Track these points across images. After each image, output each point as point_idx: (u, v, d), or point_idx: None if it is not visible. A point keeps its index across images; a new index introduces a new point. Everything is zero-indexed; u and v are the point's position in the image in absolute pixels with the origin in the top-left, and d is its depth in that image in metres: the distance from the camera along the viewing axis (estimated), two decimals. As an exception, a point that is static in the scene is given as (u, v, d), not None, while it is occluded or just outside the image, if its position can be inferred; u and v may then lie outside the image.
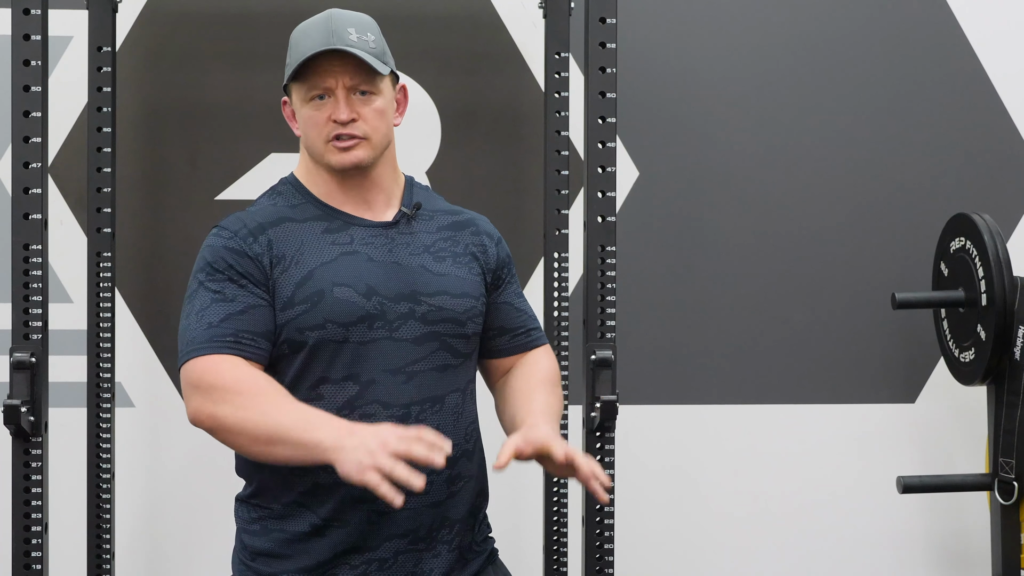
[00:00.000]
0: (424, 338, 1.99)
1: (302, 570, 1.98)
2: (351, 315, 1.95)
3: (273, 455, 1.86)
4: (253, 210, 2.05)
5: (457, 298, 2.03)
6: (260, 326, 1.94)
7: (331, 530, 1.96)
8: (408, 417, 1.96)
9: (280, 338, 1.95)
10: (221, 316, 1.92)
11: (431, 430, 1.79)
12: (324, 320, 1.94)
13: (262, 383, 1.89)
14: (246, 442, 1.87)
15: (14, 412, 2.40)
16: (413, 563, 1.99)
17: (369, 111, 2.00)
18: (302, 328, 1.94)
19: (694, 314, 3.24)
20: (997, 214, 3.15)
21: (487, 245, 2.12)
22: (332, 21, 1.99)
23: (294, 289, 1.95)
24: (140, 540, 3.12)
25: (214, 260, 1.97)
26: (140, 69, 3.10)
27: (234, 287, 1.95)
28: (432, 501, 1.98)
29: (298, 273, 1.96)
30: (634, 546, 3.20)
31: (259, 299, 1.95)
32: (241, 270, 1.95)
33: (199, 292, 1.96)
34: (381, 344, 1.96)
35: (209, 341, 1.91)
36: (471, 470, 2.05)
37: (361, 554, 1.97)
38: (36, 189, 2.46)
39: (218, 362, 1.90)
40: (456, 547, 2.03)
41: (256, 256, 1.96)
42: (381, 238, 2.03)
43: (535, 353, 2.16)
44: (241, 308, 1.94)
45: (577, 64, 3.02)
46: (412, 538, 1.98)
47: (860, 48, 3.27)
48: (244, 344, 1.92)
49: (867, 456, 3.29)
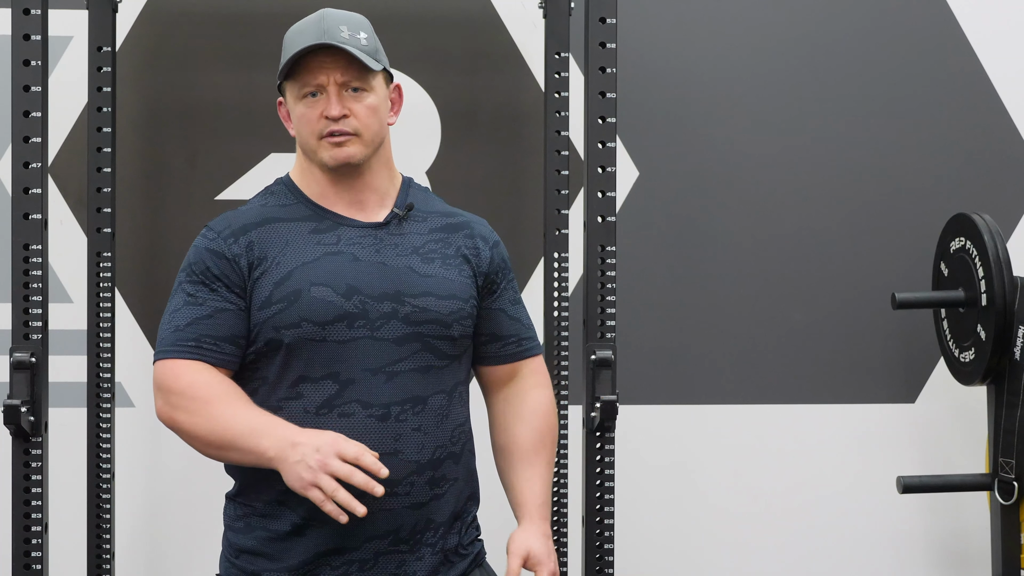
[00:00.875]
0: (406, 338, 2.00)
1: (284, 570, 1.99)
2: (327, 314, 1.96)
3: (228, 459, 1.97)
4: (243, 209, 2.08)
5: (443, 300, 2.03)
6: (224, 331, 1.98)
7: (311, 530, 1.97)
8: (388, 417, 1.97)
9: (259, 337, 1.98)
10: (188, 320, 1.98)
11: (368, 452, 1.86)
12: (300, 319, 1.96)
13: (216, 389, 1.95)
14: (200, 446, 1.98)
15: (14, 412, 2.40)
16: (395, 565, 1.99)
17: (361, 107, 2.01)
18: (278, 327, 1.96)
19: (694, 314, 3.24)
20: (997, 214, 3.15)
21: (480, 248, 2.12)
22: (324, 20, 2.01)
23: (272, 289, 1.98)
24: (140, 540, 3.12)
25: (195, 261, 2.02)
26: (140, 69, 3.10)
27: (206, 291, 2.00)
28: (413, 502, 1.99)
29: (278, 273, 1.99)
30: (634, 546, 3.20)
31: (228, 303, 1.99)
32: (217, 272, 1.99)
33: (177, 292, 2.03)
34: (362, 343, 1.97)
35: (173, 345, 1.98)
36: (457, 472, 2.05)
37: (342, 555, 1.98)
38: (36, 189, 2.46)
39: (178, 367, 1.97)
40: (440, 549, 2.03)
41: (234, 257, 2.00)
42: (369, 238, 2.04)
43: (529, 382, 2.17)
44: (208, 313, 1.98)
45: (577, 64, 3.02)
46: (393, 539, 1.98)
47: (860, 48, 3.27)
48: (205, 349, 1.97)
49: (867, 456, 3.29)
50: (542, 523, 2.11)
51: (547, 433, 2.16)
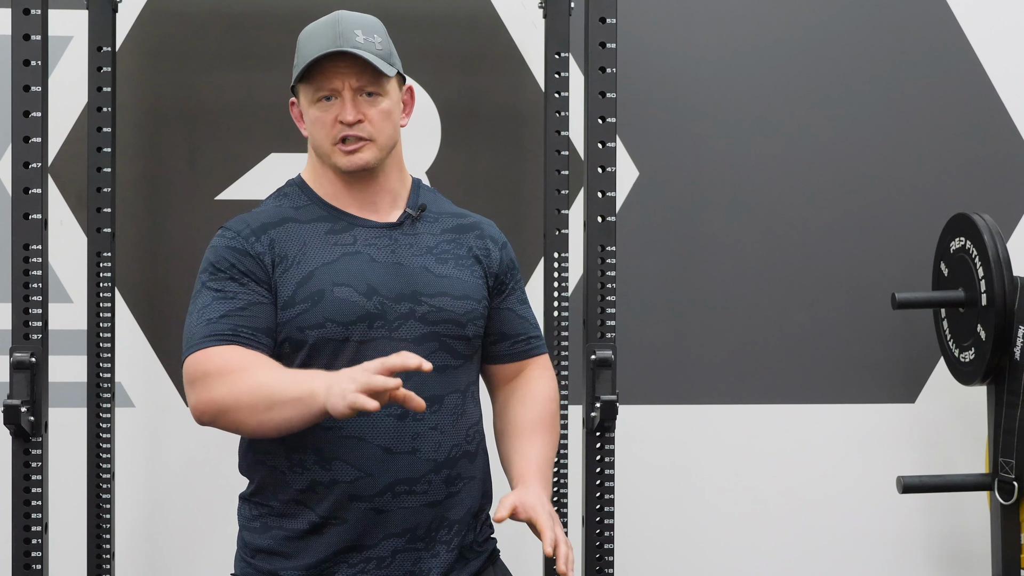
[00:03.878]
0: (424, 338, 2.00)
1: (301, 568, 1.99)
2: (351, 314, 1.96)
3: (274, 422, 1.85)
4: (258, 211, 2.07)
5: (458, 300, 2.04)
6: (260, 322, 1.95)
7: (329, 528, 1.97)
8: (406, 416, 1.97)
9: (281, 337, 1.97)
10: (221, 312, 1.94)
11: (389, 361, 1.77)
12: (324, 319, 1.95)
13: (251, 358, 1.90)
14: (246, 415, 1.87)
15: (14, 412, 2.40)
16: (411, 562, 2.00)
17: (375, 112, 2.01)
18: (302, 327, 1.96)
19: (694, 314, 3.24)
20: (997, 214, 3.15)
21: (491, 249, 2.13)
22: (339, 23, 2.01)
23: (295, 288, 1.97)
24: (140, 540, 3.12)
25: (217, 260, 1.99)
26: (140, 69, 3.10)
27: (235, 285, 1.96)
28: (430, 500, 1.99)
29: (299, 273, 1.98)
30: (634, 546, 3.20)
31: (260, 296, 1.96)
32: (243, 268, 1.97)
33: (202, 292, 1.98)
34: (380, 343, 1.97)
35: (207, 336, 1.93)
36: (472, 471, 2.06)
37: (359, 552, 1.98)
38: (36, 189, 2.46)
39: (211, 352, 1.91)
40: (456, 547, 2.04)
41: (258, 255, 1.98)
42: (384, 239, 2.04)
43: (534, 372, 2.17)
44: (241, 305, 1.95)
45: (577, 64, 3.02)
46: (410, 537, 1.99)
47: (860, 48, 3.27)
48: (243, 338, 1.93)
49: (867, 456, 3.29)
50: (537, 485, 2.01)
51: (547, 417, 2.15)
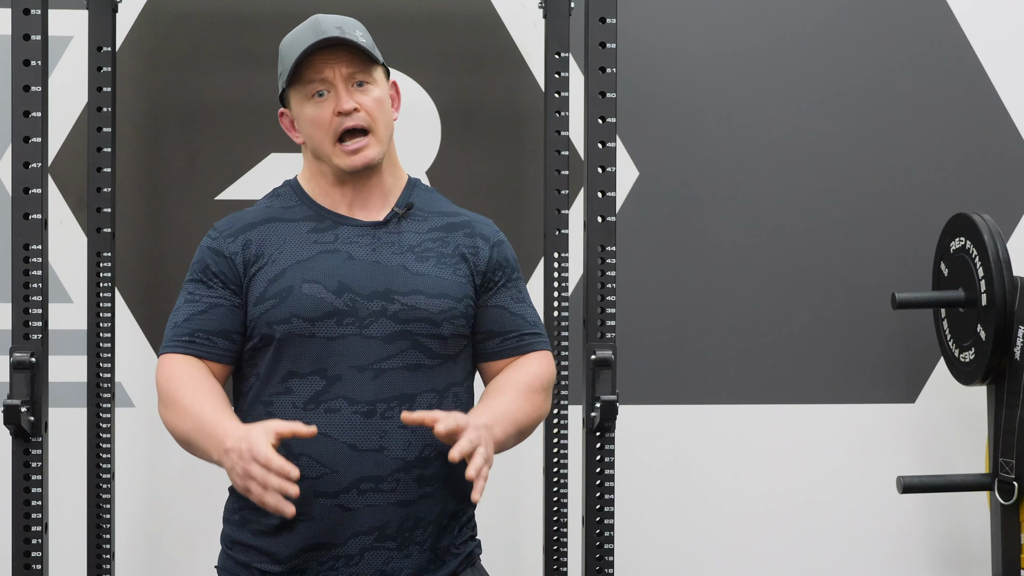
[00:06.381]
0: (394, 336, 2.01)
1: (273, 562, 2.01)
2: (317, 310, 1.99)
3: (197, 456, 1.99)
4: (249, 210, 2.13)
5: (433, 298, 2.03)
6: (216, 325, 2.03)
7: (298, 524, 1.99)
8: (374, 414, 1.98)
9: (254, 332, 2.03)
10: (185, 316, 2.05)
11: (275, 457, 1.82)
12: (290, 315, 2.00)
13: (188, 386, 1.99)
14: (179, 443, 2.01)
15: (14, 412, 2.40)
16: (382, 561, 2.00)
17: (369, 100, 2.04)
18: (270, 322, 2.01)
19: (694, 314, 3.24)
20: (997, 214, 3.15)
21: (479, 247, 2.12)
22: (320, 24, 2.05)
23: (266, 285, 2.02)
24: (140, 540, 3.12)
25: (196, 261, 2.09)
26: (140, 69, 3.10)
27: (203, 288, 2.05)
28: (400, 499, 1.99)
29: (273, 270, 2.03)
30: (634, 546, 3.20)
31: (223, 299, 2.04)
32: (215, 269, 2.05)
33: (182, 292, 2.09)
34: (350, 340, 2.00)
35: (171, 340, 2.05)
36: (448, 472, 2.02)
37: (328, 550, 1.99)
38: (36, 189, 2.46)
39: (169, 363, 2.03)
40: (430, 548, 2.03)
41: (231, 255, 2.05)
42: (367, 237, 2.06)
43: (527, 356, 2.14)
44: (203, 308, 2.05)
45: (577, 64, 3.02)
46: (379, 535, 1.99)
47: (860, 48, 3.27)
48: (198, 343, 2.03)
49: (867, 456, 3.29)
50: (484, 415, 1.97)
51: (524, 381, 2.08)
